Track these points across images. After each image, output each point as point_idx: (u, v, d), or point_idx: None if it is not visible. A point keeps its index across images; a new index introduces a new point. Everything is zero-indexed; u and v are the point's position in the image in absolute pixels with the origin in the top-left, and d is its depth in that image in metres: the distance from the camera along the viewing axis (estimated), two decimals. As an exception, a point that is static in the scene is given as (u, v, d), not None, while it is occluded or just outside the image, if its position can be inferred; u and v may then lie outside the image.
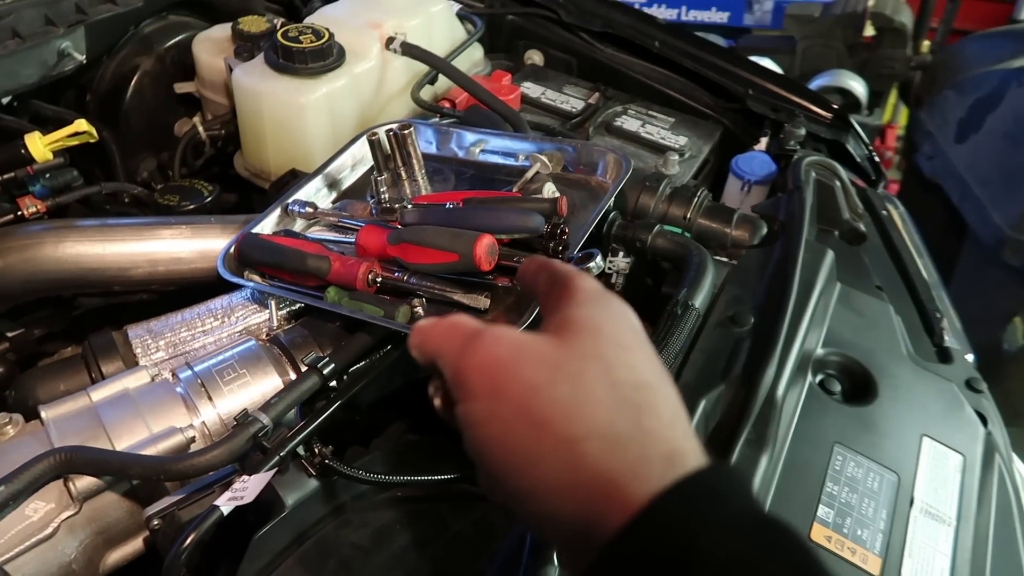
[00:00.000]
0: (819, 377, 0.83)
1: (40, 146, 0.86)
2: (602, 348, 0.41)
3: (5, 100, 1.20)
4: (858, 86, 2.56)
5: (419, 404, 0.94)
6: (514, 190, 0.90)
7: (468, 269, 0.75)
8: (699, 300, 0.80)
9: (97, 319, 0.97)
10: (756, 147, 1.21)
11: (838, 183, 1.08)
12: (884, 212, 1.14)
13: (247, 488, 0.59)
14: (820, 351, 0.84)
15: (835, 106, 1.24)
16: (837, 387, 0.83)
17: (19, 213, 0.93)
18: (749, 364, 0.77)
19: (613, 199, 0.87)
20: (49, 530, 0.61)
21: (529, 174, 0.91)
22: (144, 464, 0.61)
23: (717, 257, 0.93)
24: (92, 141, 0.91)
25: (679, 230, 0.94)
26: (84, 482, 0.63)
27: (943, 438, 0.79)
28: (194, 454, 0.62)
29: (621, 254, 0.92)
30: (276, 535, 0.63)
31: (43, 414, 0.68)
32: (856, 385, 0.83)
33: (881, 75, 2.65)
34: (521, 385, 0.39)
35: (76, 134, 0.87)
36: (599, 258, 0.72)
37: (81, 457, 0.61)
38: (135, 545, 0.68)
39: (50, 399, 0.73)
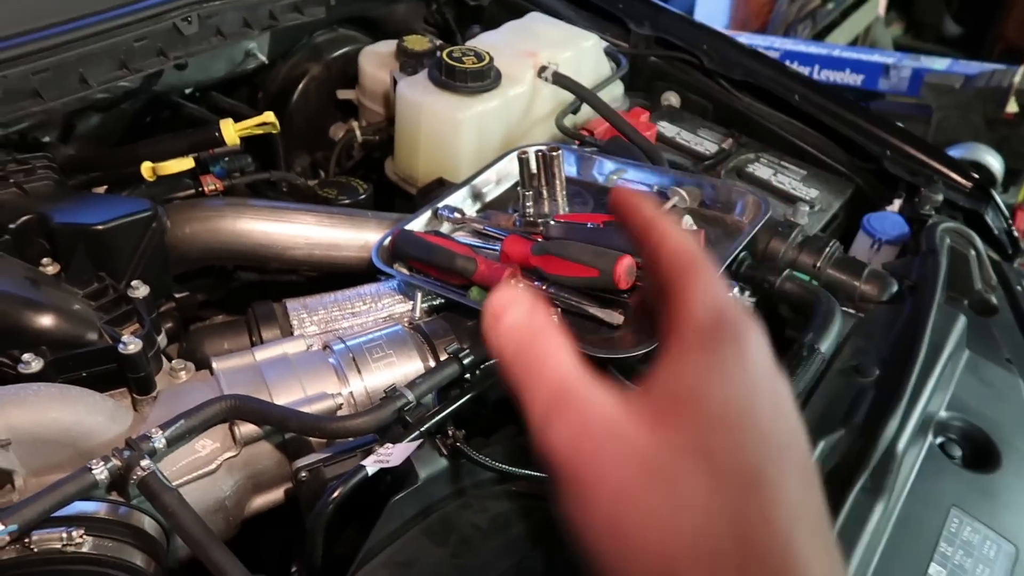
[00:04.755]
0: (940, 439, 0.82)
1: (232, 131, 0.97)
2: (710, 438, 0.33)
3: (188, 90, 1.34)
4: (994, 162, 2.47)
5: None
6: (651, 219, 0.94)
7: (606, 285, 0.79)
8: (825, 345, 0.82)
9: (251, 293, 1.07)
10: (889, 208, 1.20)
11: (973, 252, 1.07)
12: (1019, 288, 1.12)
13: (391, 454, 0.64)
14: (943, 414, 0.84)
15: (975, 176, 1.22)
16: (958, 452, 0.82)
17: (200, 189, 1.04)
18: (871, 414, 0.77)
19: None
20: (213, 466, 0.69)
21: (667, 205, 0.95)
22: (301, 420, 0.68)
23: (844, 308, 0.94)
24: (275, 132, 1.01)
25: (807, 278, 0.96)
26: (247, 428, 0.70)
27: (1070, 519, 0.77)
28: (345, 417, 0.68)
29: (747, 294, 0.95)
30: (408, 504, 0.68)
31: (215, 365, 0.76)
32: (978, 452, 0.82)
33: (1021, 153, 2.56)
34: (608, 488, 0.33)
35: (262, 124, 0.98)
36: (735, 291, 0.75)
37: (248, 406, 0.68)
38: (277, 495, 0.74)
39: (214, 354, 0.81)
